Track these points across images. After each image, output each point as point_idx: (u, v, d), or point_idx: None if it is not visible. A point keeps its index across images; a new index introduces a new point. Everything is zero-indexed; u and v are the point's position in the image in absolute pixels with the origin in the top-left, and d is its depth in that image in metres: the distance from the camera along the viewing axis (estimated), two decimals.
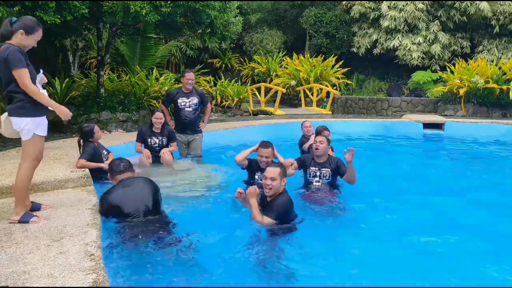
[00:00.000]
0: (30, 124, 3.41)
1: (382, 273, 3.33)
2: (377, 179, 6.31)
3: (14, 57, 3.29)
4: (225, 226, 4.16)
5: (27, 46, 3.45)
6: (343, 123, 11.07)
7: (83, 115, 9.33)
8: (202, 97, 7.09)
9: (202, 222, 4.24)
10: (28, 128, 3.41)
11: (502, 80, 12.44)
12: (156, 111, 6.63)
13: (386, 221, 4.51)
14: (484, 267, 3.47)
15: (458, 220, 4.59)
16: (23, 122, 3.40)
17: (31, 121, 3.41)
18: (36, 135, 3.45)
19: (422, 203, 5.15)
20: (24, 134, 3.44)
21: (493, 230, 4.31)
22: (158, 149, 6.36)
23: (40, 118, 3.46)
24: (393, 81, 17.18)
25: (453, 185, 6.13)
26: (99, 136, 5.53)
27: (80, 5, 7.19)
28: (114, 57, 15.05)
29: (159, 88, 11.49)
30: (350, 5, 17.58)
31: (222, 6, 9.17)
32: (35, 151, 3.49)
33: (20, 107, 3.39)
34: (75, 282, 2.44)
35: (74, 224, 3.41)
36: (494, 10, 15.13)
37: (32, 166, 3.50)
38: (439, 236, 4.11)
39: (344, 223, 4.38)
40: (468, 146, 9.52)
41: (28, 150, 3.49)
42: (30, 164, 3.49)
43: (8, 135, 3.58)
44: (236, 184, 5.47)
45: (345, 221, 4.41)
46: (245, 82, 18.83)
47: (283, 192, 3.97)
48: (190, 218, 4.32)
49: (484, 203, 5.24)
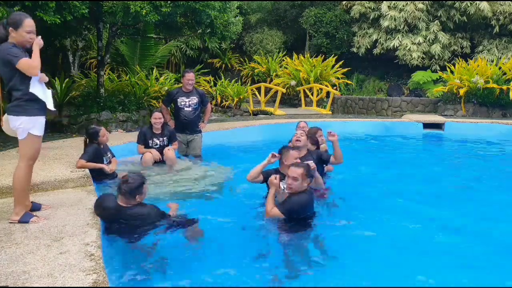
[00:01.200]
0: (25, 123, 3.40)
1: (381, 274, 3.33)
2: (376, 179, 6.31)
3: (9, 54, 3.30)
4: (225, 226, 4.16)
5: (24, 42, 3.42)
6: (343, 123, 11.06)
7: (83, 115, 9.33)
8: (202, 97, 7.10)
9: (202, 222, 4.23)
10: (23, 127, 3.41)
11: (502, 80, 12.44)
12: (154, 112, 6.54)
13: (386, 221, 4.51)
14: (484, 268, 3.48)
15: (458, 220, 4.59)
16: (18, 121, 3.41)
17: (26, 120, 3.40)
18: (31, 134, 3.43)
19: (422, 203, 5.15)
20: (19, 133, 3.44)
21: (493, 230, 4.32)
22: (158, 150, 6.35)
23: (36, 117, 3.44)
24: (393, 81, 17.17)
25: (453, 185, 6.12)
26: (104, 140, 5.48)
27: (80, 5, 7.19)
28: (114, 57, 15.05)
29: (159, 88, 11.49)
30: (350, 5, 17.57)
31: (222, 6, 9.17)
32: (30, 150, 3.47)
33: (16, 106, 3.40)
34: (75, 282, 2.44)
35: (74, 224, 3.41)
36: (494, 10, 15.12)
37: (27, 165, 3.48)
38: (439, 236, 4.11)
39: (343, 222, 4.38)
40: (468, 146, 9.52)
41: (23, 149, 3.48)
42: (25, 164, 3.47)
43: (9, 134, 3.58)
44: (236, 184, 5.48)
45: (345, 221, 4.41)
46: (245, 82, 18.82)
47: (305, 191, 3.98)
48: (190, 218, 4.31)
49: (484, 203, 5.24)
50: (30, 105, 3.41)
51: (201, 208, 4.70)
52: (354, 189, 5.40)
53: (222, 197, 5.20)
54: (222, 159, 6.94)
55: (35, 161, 3.59)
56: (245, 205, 4.72)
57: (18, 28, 3.39)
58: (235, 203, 4.85)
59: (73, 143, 7.10)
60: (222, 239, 3.88)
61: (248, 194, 5.03)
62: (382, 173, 6.81)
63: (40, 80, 3.50)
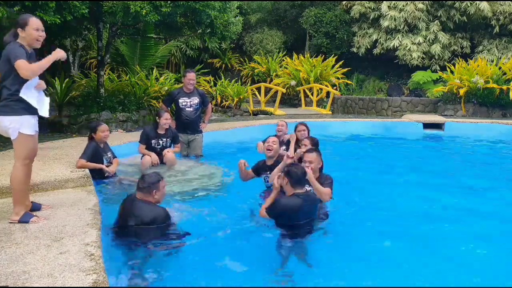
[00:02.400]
0: (14, 122, 3.38)
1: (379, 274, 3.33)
2: (376, 179, 6.31)
3: (12, 51, 3.32)
4: (225, 226, 4.16)
5: (33, 40, 3.45)
6: (343, 123, 11.07)
7: (83, 115, 9.33)
8: (203, 97, 7.12)
9: (202, 222, 4.23)
10: (13, 127, 3.39)
11: (502, 80, 12.44)
12: (163, 113, 6.38)
13: (385, 221, 4.51)
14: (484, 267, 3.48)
15: (458, 220, 4.59)
16: (8, 121, 3.39)
17: (15, 119, 3.38)
18: (22, 134, 3.41)
19: (422, 203, 5.15)
20: (10, 133, 3.42)
21: (493, 230, 4.31)
22: (160, 151, 6.31)
23: (25, 116, 3.40)
24: (393, 81, 17.18)
25: (453, 185, 6.12)
26: (101, 136, 5.42)
27: (80, 5, 7.19)
28: (114, 57, 15.05)
29: (159, 88, 11.49)
30: (350, 5, 17.57)
31: (222, 6, 9.18)
32: (24, 150, 3.44)
33: (5, 106, 3.39)
34: (75, 282, 2.44)
35: (74, 224, 3.41)
36: (494, 10, 15.12)
37: (23, 165, 3.46)
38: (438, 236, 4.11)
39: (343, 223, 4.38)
40: (468, 146, 9.52)
41: (16, 149, 3.46)
42: (21, 164, 3.45)
43: (3, 134, 3.56)
44: (236, 183, 5.48)
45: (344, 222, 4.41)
46: (245, 82, 18.82)
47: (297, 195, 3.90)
48: (190, 218, 4.31)
49: (485, 203, 5.24)
50: (18, 105, 3.38)
51: (201, 207, 4.70)
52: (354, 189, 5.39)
53: (222, 197, 5.19)
54: (222, 159, 6.94)
55: (32, 160, 3.57)
56: (245, 205, 4.72)
57: (25, 27, 3.41)
58: (235, 203, 4.85)
59: (73, 143, 7.09)
60: (222, 238, 3.88)
61: (248, 194, 5.03)
62: (381, 173, 6.80)
63: (37, 87, 3.49)
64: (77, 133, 8.92)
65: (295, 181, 3.88)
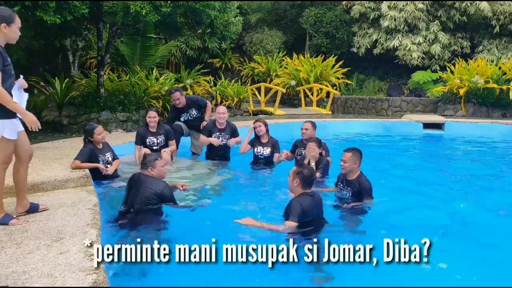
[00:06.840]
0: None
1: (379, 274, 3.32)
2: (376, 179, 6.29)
3: None
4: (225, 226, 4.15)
5: (12, 38, 3.36)
6: (343, 123, 11.07)
7: (83, 115, 9.34)
8: (198, 104, 7.30)
9: (203, 222, 4.23)
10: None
11: (502, 80, 12.44)
12: (149, 110, 6.51)
13: (385, 221, 4.51)
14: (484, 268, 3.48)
15: (458, 220, 4.59)
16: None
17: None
18: (4, 138, 3.31)
19: (422, 203, 5.15)
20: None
21: (493, 230, 4.31)
22: (156, 149, 6.30)
23: (6, 120, 3.30)
24: (393, 81, 17.18)
25: (453, 185, 6.12)
26: (99, 138, 5.35)
27: (80, 5, 7.20)
28: (114, 57, 15.04)
29: (159, 88, 11.50)
30: (350, 5, 17.58)
31: (222, 6, 9.19)
32: (1, 154, 3.34)
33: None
34: (75, 282, 2.44)
35: (74, 224, 3.41)
36: (494, 10, 15.13)
37: (1, 169, 3.37)
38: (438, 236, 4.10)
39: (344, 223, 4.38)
40: (468, 146, 9.52)
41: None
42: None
43: None
44: (236, 183, 5.48)
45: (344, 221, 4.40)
46: (245, 82, 18.81)
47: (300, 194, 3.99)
48: (190, 217, 4.31)
49: (485, 203, 5.24)
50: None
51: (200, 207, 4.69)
52: None
53: (222, 196, 5.19)
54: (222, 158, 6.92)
55: (8, 164, 3.46)
56: (245, 205, 4.72)
57: (12, 24, 3.31)
58: (235, 202, 4.84)
59: (73, 143, 7.09)
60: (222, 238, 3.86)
61: (247, 192, 5.03)
62: (381, 173, 6.79)
63: (20, 87, 3.46)
64: (77, 133, 8.91)
65: (306, 183, 3.99)
